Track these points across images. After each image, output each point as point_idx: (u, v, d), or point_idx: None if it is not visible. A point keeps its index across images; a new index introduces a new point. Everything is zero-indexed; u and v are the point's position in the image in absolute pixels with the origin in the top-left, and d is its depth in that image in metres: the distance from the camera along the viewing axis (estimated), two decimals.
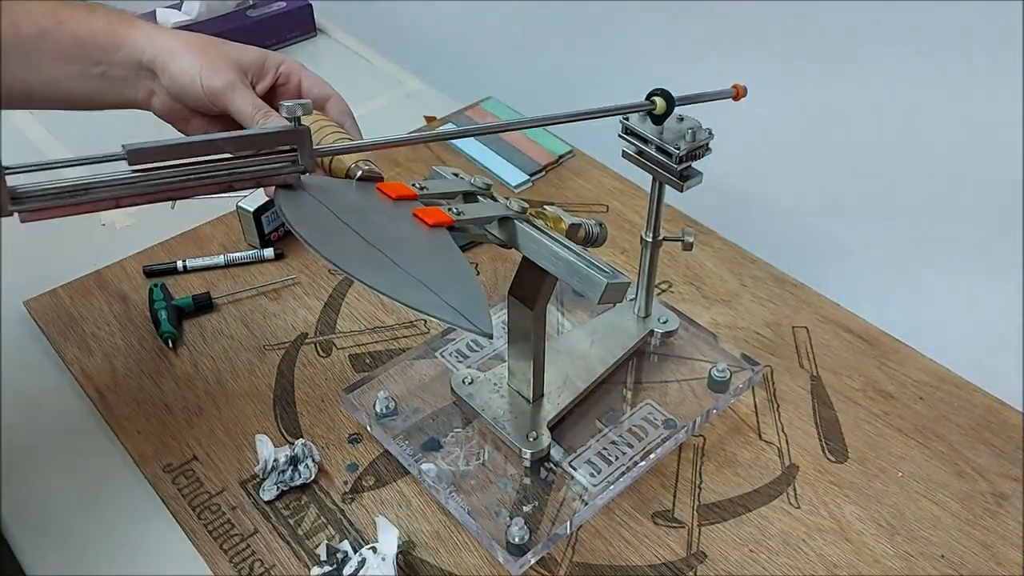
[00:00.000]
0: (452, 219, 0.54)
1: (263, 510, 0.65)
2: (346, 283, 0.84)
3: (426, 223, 0.53)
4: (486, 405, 0.67)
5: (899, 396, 0.73)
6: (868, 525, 0.64)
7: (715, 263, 0.86)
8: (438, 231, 0.53)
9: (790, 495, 0.66)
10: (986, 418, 0.72)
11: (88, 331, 0.79)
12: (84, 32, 0.60)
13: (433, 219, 0.53)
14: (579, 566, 0.62)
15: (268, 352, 0.77)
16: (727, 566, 0.62)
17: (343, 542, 0.61)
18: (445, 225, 0.54)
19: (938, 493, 0.66)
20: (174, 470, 0.68)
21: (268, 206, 0.84)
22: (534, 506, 0.63)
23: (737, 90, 0.63)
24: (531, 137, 1.02)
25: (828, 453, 0.69)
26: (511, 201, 0.59)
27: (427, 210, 0.54)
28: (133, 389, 0.74)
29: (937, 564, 0.62)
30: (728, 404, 0.71)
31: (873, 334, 0.79)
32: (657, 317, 0.74)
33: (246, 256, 0.85)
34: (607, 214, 0.92)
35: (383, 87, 1.15)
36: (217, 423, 0.71)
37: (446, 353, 0.74)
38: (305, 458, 0.66)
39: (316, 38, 1.24)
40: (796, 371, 0.76)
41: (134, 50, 0.61)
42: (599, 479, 0.64)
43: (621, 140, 0.64)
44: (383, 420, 0.68)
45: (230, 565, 0.62)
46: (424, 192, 0.57)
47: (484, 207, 0.58)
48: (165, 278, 0.83)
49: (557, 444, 0.66)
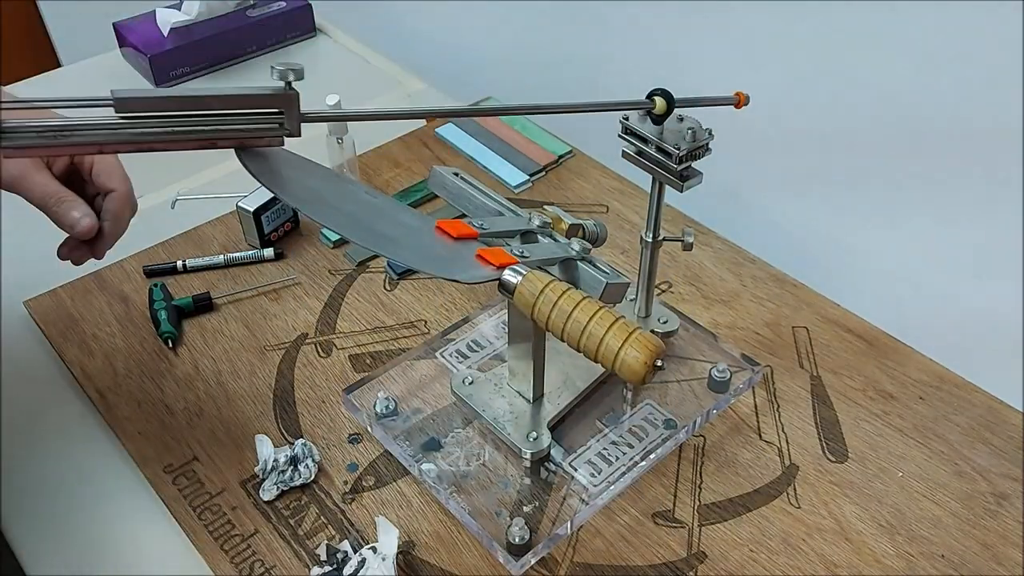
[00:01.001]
0: (517, 260, 0.56)
1: (263, 510, 0.65)
2: (346, 283, 0.84)
3: (492, 264, 0.55)
4: (486, 405, 0.67)
5: (899, 396, 0.73)
6: (868, 525, 0.64)
7: (715, 263, 0.86)
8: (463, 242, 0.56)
9: (790, 495, 0.66)
10: (986, 418, 0.72)
11: (88, 331, 0.79)
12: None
13: (499, 261, 0.55)
14: (579, 566, 0.62)
15: (268, 352, 0.77)
16: (727, 566, 0.62)
17: (343, 542, 0.61)
18: (508, 265, 0.56)
19: (938, 493, 0.66)
20: (174, 470, 0.68)
21: (268, 206, 0.84)
22: (534, 506, 0.63)
23: (739, 97, 0.63)
24: (531, 137, 1.02)
25: (828, 453, 0.69)
26: (573, 242, 0.60)
27: (492, 251, 0.56)
28: (133, 389, 0.74)
29: (937, 564, 0.62)
30: (728, 404, 0.71)
31: (873, 334, 0.79)
32: (657, 317, 0.74)
33: (246, 256, 0.85)
34: (607, 214, 0.92)
35: (383, 87, 1.15)
36: (217, 423, 0.71)
37: (446, 353, 0.74)
38: (305, 458, 0.66)
39: (316, 38, 1.24)
40: (796, 371, 0.76)
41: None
42: (599, 479, 0.64)
43: (621, 140, 0.64)
44: (383, 420, 0.68)
45: (231, 565, 0.62)
46: (484, 230, 0.58)
47: (546, 247, 0.60)
48: (165, 278, 0.83)
49: (557, 444, 0.66)
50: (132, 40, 1.12)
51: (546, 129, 1.03)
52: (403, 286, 0.84)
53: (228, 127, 0.51)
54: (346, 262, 0.86)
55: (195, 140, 0.50)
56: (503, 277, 0.55)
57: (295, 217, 0.88)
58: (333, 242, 0.88)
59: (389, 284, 0.84)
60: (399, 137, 1.02)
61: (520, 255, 0.56)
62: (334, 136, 0.89)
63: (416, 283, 0.84)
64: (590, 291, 0.57)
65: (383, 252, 0.56)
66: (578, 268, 0.59)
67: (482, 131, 1.03)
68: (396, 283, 0.84)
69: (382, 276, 0.85)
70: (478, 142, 1.01)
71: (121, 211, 0.62)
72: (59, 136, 0.48)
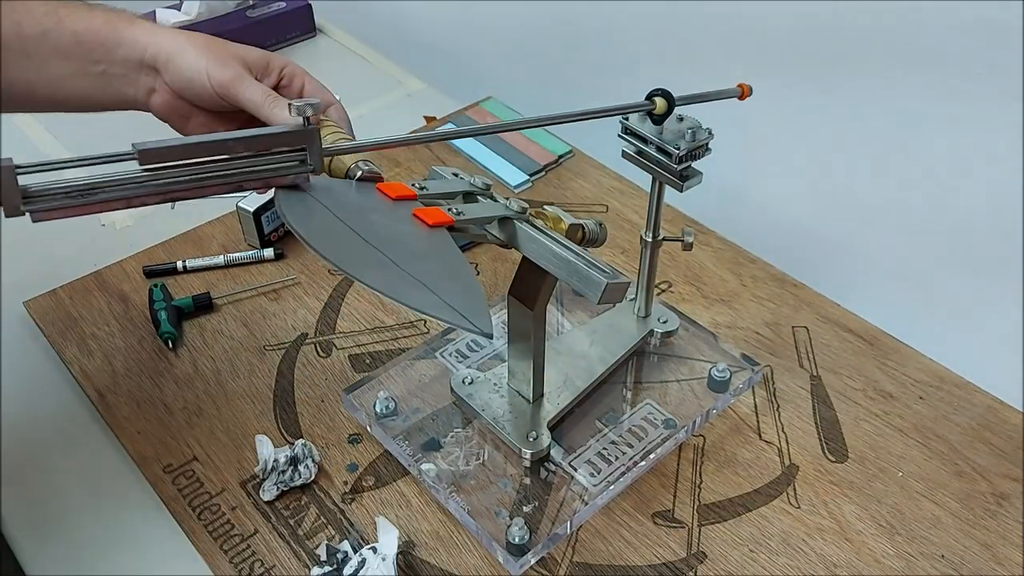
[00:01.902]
0: (452, 219, 0.54)
1: (263, 510, 0.65)
2: (346, 283, 0.84)
3: (426, 223, 0.53)
4: (486, 405, 0.67)
5: (899, 396, 0.73)
6: (868, 525, 0.64)
7: (715, 263, 0.86)
8: (438, 231, 0.53)
9: (790, 495, 0.66)
10: (986, 418, 0.72)
11: (88, 331, 0.79)
12: (83, 30, 0.60)
13: (433, 219, 0.53)
14: (579, 566, 0.62)
15: (268, 352, 0.77)
16: (727, 566, 0.62)
17: (343, 542, 0.61)
18: (445, 225, 0.54)
19: (938, 493, 0.66)
20: (174, 470, 0.68)
21: (268, 206, 0.84)
22: (534, 506, 0.62)
23: (742, 89, 0.63)
24: (531, 137, 1.02)
25: (828, 453, 0.69)
26: (511, 201, 0.59)
27: (427, 210, 0.54)
28: (133, 389, 0.74)
29: (937, 564, 0.62)
30: (728, 404, 0.71)
31: (873, 334, 0.79)
32: (657, 317, 0.74)
33: (246, 256, 0.85)
34: (607, 214, 0.92)
35: (383, 87, 1.15)
36: (217, 423, 0.71)
37: (446, 353, 0.74)
38: (305, 458, 0.66)
39: (316, 38, 1.24)
40: (796, 371, 0.76)
41: (135, 47, 0.61)
42: (599, 479, 0.64)
43: (621, 140, 0.64)
44: (383, 420, 0.68)
45: (230, 565, 0.62)
46: (424, 192, 0.57)
47: (484, 207, 0.58)
48: (165, 278, 0.83)
49: (557, 444, 0.66)
50: None
51: (546, 129, 1.03)
52: None
53: (253, 169, 0.51)
54: None
55: (222, 185, 0.51)
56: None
57: None
58: None
59: None
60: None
61: (456, 213, 0.55)
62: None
63: None
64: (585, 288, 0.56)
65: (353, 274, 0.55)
66: (515, 226, 0.58)
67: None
68: None
69: None
70: (478, 142, 1.01)
71: (346, 117, 0.64)
72: (86, 195, 0.47)
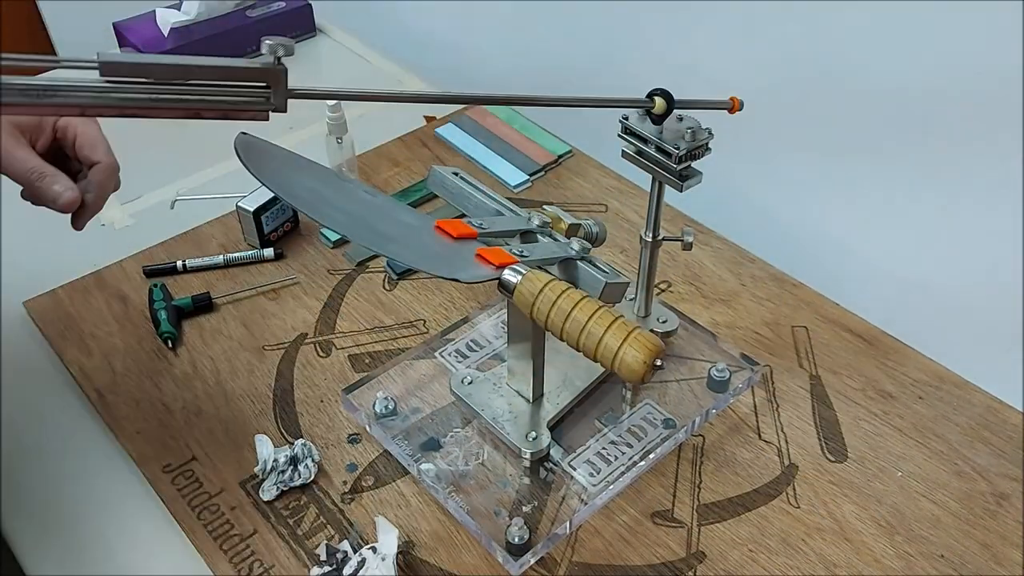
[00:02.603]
0: (516, 260, 0.56)
1: (262, 510, 0.65)
2: (345, 283, 0.84)
3: (492, 264, 0.55)
4: (486, 405, 0.67)
5: (899, 396, 0.73)
6: (868, 525, 0.64)
7: (714, 263, 0.86)
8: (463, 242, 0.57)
9: (789, 495, 0.66)
10: (986, 418, 0.71)
11: (87, 331, 0.79)
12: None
13: (499, 260, 0.55)
14: (578, 566, 0.62)
15: (267, 352, 0.77)
16: (727, 566, 0.62)
17: (343, 542, 0.61)
18: (508, 264, 0.56)
19: (938, 493, 0.66)
20: (173, 470, 0.68)
21: (268, 206, 0.84)
22: (533, 506, 0.62)
23: (733, 102, 0.63)
24: (530, 137, 1.02)
25: (828, 453, 0.69)
26: (572, 241, 0.60)
27: (491, 250, 0.56)
28: (132, 389, 0.74)
29: (937, 564, 0.62)
30: (727, 404, 0.71)
31: (873, 334, 0.79)
32: (656, 317, 0.74)
33: (246, 256, 0.85)
34: (606, 214, 0.92)
35: (383, 87, 1.15)
36: (216, 423, 0.71)
37: (446, 353, 0.74)
38: (305, 458, 0.66)
39: (316, 38, 1.24)
40: (796, 371, 0.75)
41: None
42: (599, 479, 0.64)
43: (620, 140, 0.64)
44: (383, 420, 0.68)
45: (230, 565, 0.62)
46: (483, 230, 0.58)
47: (545, 247, 0.60)
48: (165, 278, 0.83)
49: (557, 444, 0.66)
50: (132, 40, 1.12)
51: (546, 128, 1.03)
52: (402, 286, 0.84)
53: (213, 98, 0.50)
54: (345, 262, 0.86)
55: (179, 109, 0.50)
56: (503, 276, 0.55)
57: (295, 217, 0.88)
58: (333, 242, 0.88)
59: (388, 284, 0.84)
60: (398, 137, 1.02)
61: (520, 255, 0.57)
62: (334, 136, 0.89)
63: (415, 283, 0.84)
64: (590, 291, 0.57)
65: (383, 251, 0.56)
66: (578, 268, 0.59)
67: (481, 130, 1.03)
68: (395, 283, 0.84)
69: (381, 276, 0.84)
70: (477, 141, 1.01)
71: (105, 183, 0.62)
72: (42, 95, 0.47)
